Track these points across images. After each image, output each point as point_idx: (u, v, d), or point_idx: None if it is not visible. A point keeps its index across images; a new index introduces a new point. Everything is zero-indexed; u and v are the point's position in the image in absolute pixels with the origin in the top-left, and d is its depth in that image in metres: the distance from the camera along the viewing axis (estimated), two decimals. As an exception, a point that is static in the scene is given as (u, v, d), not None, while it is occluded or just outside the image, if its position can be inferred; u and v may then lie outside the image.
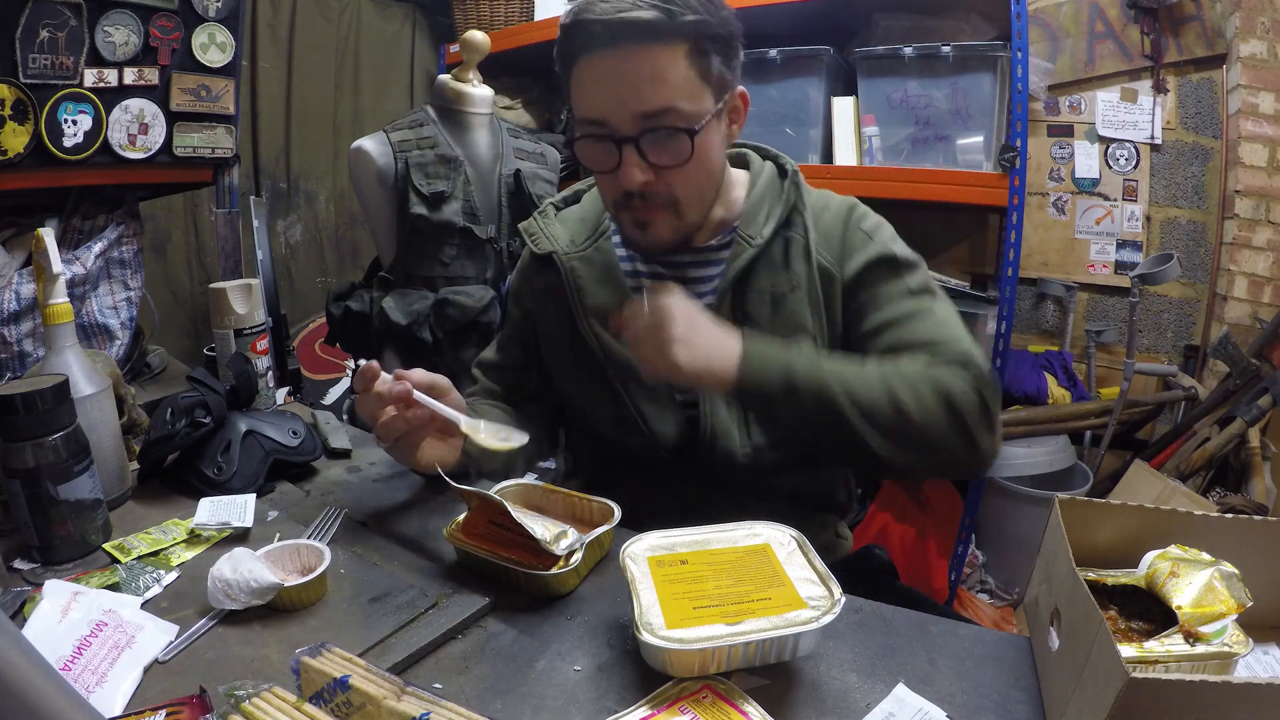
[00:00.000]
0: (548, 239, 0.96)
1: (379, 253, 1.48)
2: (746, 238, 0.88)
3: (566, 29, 0.79)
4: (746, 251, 0.87)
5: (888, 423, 0.73)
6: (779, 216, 0.88)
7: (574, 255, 0.94)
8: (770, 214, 0.89)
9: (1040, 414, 2.05)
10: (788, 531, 0.68)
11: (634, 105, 0.77)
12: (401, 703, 0.48)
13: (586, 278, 0.93)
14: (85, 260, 1.28)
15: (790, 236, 0.89)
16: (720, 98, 0.82)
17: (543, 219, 1.00)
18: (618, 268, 0.93)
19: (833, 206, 0.92)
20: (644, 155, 0.79)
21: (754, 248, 0.87)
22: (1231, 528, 0.60)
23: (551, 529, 0.70)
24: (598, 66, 0.79)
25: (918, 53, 1.70)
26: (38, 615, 0.61)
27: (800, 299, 0.87)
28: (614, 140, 0.79)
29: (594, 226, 0.97)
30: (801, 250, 0.88)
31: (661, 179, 0.81)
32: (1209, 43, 2.15)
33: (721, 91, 0.82)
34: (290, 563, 0.70)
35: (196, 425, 0.88)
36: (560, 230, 0.97)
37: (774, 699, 0.56)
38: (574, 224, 0.98)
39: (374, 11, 2.40)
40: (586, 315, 0.92)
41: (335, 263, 2.47)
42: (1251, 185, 2.13)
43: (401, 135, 1.40)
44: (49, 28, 1.18)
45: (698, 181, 0.84)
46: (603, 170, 0.83)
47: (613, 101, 0.78)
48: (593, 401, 0.94)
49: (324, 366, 2.32)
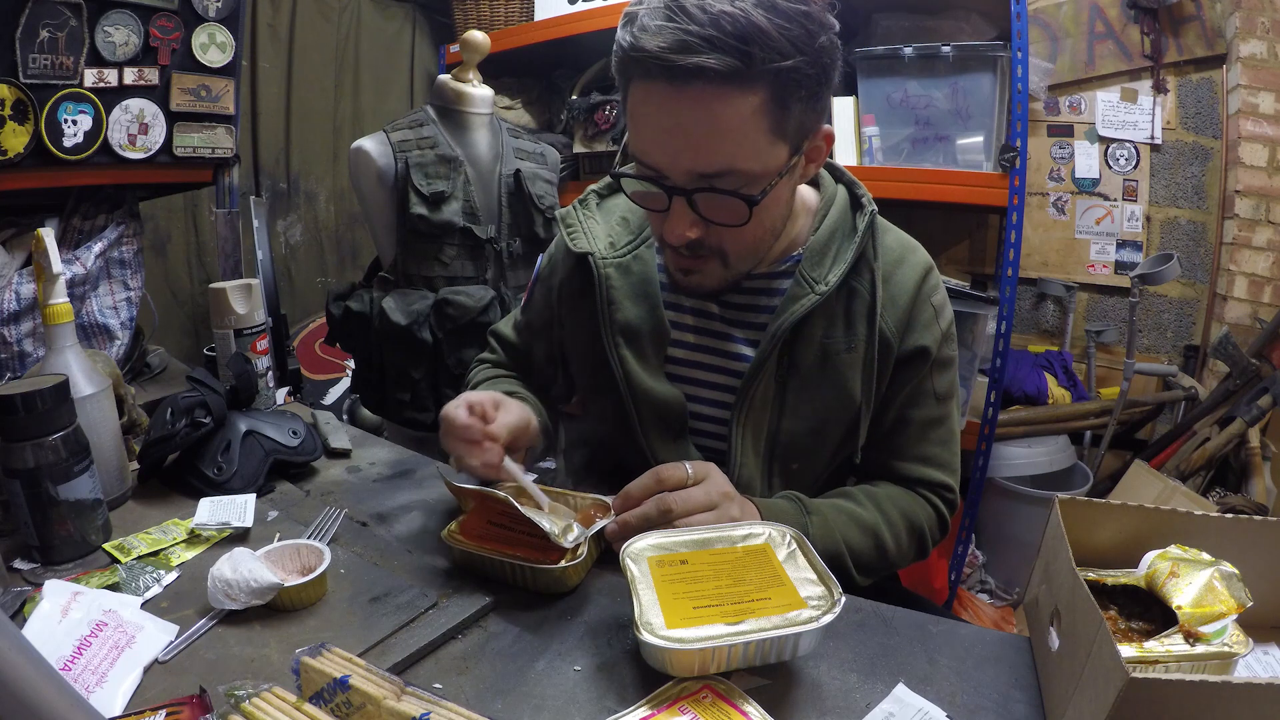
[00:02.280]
0: (585, 236, 0.87)
1: (379, 253, 1.48)
2: (810, 280, 0.79)
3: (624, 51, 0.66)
4: (808, 298, 0.78)
5: (873, 566, 0.81)
6: (848, 261, 0.79)
7: (611, 261, 0.86)
8: (839, 256, 0.80)
9: (1040, 414, 2.05)
10: (788, 531, 0.68)
11: (688, 162, 0.68)
12: (401, 703, 0.48)
13: (620, 289, 0.85)
14: (85, 260, 1.28)
15: (855, 287, 0.80)
16: (798, 148, 0.71)
17: (583, 210, 0.91)
18: (655, 284, 0.86)
19: (907, 266, 0.83)
20: (696, 209, 0.71)
21: (817, 295, 0.78)
22: (1231, 528, 0.60)
23: (558, 523, 0.70)
24: (654, 102, 0.67)
25: (918, 53, 1.70)
26: (38, 615, 0.61)
27: (854, 361, 0.80)
28: (665, 188, 0.71)
29: (637, 229, 0.89)
30: (865, 308, 0.80)
31: (712, 233, 0.74)
32: (1209, 43, 2.15)
33: (801, 140, 0.71)
34: (290, 563, 0.70)
35: (196, 425, 0.88)
36: (600, 228, 0.89)
37: (774, 699, 0.56)
38: (616, 221, 0.89)
39: (374, 11, 2.40)
40: (614, 332, 0.84)
41: (335, 263, 2.47)
42: (1251, 185, 2.13)
43: (401, 135, 1.40)
44: (49, 28, 1.18)
45: (754, 239, 0.76)
46: (651, 209, 0.76)
47: (667, 152, 0.69)
48: (605, 422, 0.89)
49: (324, 366, 2.32)
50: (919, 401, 0.85)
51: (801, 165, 0.74)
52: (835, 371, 0.81)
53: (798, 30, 0.63)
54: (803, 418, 0.82)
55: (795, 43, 0.63)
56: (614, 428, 0.88)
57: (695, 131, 0.66)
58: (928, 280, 0.84)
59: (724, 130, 0.65)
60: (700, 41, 0.61)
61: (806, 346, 0.80)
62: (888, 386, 0.83)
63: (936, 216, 2.32)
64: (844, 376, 0.81)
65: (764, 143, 0.67)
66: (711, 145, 0.66)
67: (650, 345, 0.85)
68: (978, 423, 1.75)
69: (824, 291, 0.78)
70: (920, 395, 0.84)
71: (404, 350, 1.40)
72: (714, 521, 0.70)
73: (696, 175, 0.68)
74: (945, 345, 0.84)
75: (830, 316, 0.80)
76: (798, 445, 0.83)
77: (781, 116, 0.66)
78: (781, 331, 0.78)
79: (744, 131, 0.65)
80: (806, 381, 0.81)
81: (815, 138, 0.73)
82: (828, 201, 0.83)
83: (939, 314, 0.84)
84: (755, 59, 0.62)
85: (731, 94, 0.63)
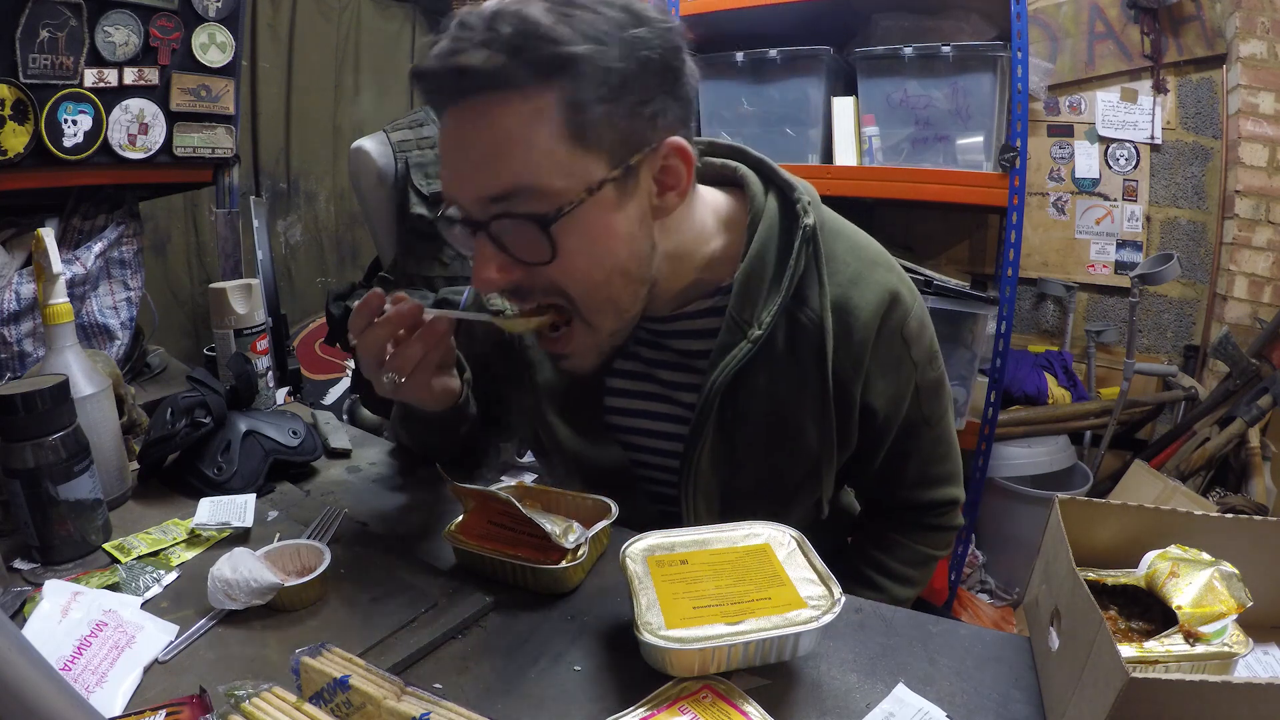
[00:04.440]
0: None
1: (379, 253, 1.48)
2: (741, 324, 0.68)
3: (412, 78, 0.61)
4: (741, 347, 0.68)
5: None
6: (785, 293, 0.67)
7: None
8: (774, 289, 0.67)
9: (1040, 414, 2.05)
10: (788, 531, 0.68)
11: (476, 184, 0.59)
12: (401, 703, 0.48)
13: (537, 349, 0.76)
14: (85, 260, 1.28)
15: (800, 319, 0.69)
16: (621, 161, 0.59)
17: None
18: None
19: (865, 289, 0.69)
20: (503, 245, 0.60)
21: (750, 343, 0.67)
22: (1231, 528, 0.60)
23: (559, 523, 0.70)
24: (444, 128, 0.60)
25: (918, 53, 1.70)
26: (38, 615, 0.61)
27: (804, 406, 0.71)
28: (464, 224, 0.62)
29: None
30: (814, 351, 0.69)
31: (537, 275, 0.61)
32: (1209, 43, 2.15)
33: (627, 151, 0.59)
34: (290, 563, 0.70)
35: (196, 425, 0.88)
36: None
37: (774, 699, 0.56)
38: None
39: (374, 11, 2.41)
40: (537, 398, 0.77)
41: (335, 263, 2.48)
42: (1251, 185, 2.13)
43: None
44: (49, 28, 1.18)
45: (591, 280, 0.62)
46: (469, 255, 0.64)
47: (455, 176, 0.61)
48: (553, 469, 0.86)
49: (324, 366, 2.32)
50: (912, 434, 0.77)
51: (647, 189, 0.62)
52: (786, 423, 0.72)
53: (591, 17, 0.55)
54: (756, 473, 0.75)
55: (587, 30, 0.55)
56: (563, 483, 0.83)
57: (476, 147, 0.58)
58: (895, 309, 0.70)
59: (506, 140, 0.56)
60: (470, 46, 0.55)
61: (750, 397, 0.71)
62: (865, 436, 0.75)
63: (936, 216, 2.31)
64: (797, 428, 0.71)
65: (561, 152, 0.57)
66: (495, 160, 0.57)
67: (580, 404, 0.77)
68: (978, 423, 1.75)
69: (757, 337, 0.67)
70: (911, 429, 0.77)
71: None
72: None
73: (487, 200, 0.59)
74: (928, 370, 0.75)
75: (773, 356, 0.69)
76: (757, 499, 0.76)
77: (580, 119, 0.56)
78: (717, 387, 0.69)
79: (531, 140, 0.56)
80: (756, 435, 0.72)
81: (655, 154, 0.61)
82: (755, 215, 0.69)
83: (912, 345, 0.72)
84: (525, 50, 0.54)
85: (510, 96, 0.55)
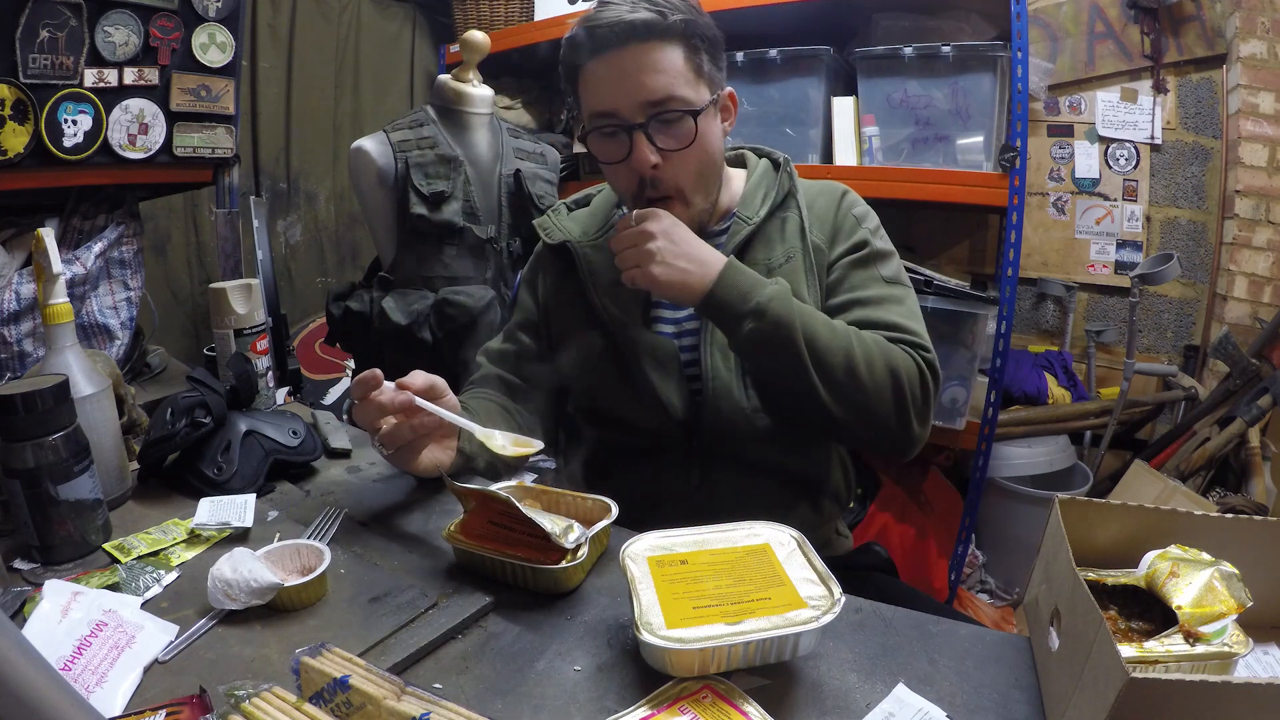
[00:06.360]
0: (561, 231, 1.04)
1: (379, 253, 1.48)
2: (744, 218, 0.97)
3: (574, 39, 0.89)
4: (744, 229, 0.96)
5: (838, 375, 0.82)
6: (774, 199, 0.98)
7: (586, 244, 1.02)
8: (766, 197, 0.98)
9: (1040, 414, 2.05)
10: (788, 531, 0.68)
11: (639, 95, 0.86)
12: (401, 703, 0.48)
13: (599, 262, 1.00)
14: (85, 260, 1.28)
15: (785, 216, 0.98)
16: (714, 92, 0.91)
17: (555, 216, 1.08)
18: None
19: (825, 194, 1.01)
20: (652, 140, 0.88)
21: (751, 225, 0.96)
22: (1231, 528, 0.60)
23: (559, 523, 0.70)
24: (605, 65, 0.87)
25: (918, 53, 1.69)
26: (38, 615, 0.61)
27: (795, 269, 0.94)
28: (625, 129, 0.88)
29: (604, 220, 1.05)
30: (796, 228, 0.97)
31: (669, 163, 0.89)
32: (1209, 43, 2.15)
33: (714, 87, 0.91)
34: (290, 563, 0.70)
35: (196, 425, 0.88)
36: (572, 225, 1.06)
37: (774, 699, 0.56)
38: (585, 219, 1.06)
39: (374, 11, 2.40)
40: (600, 295, 0.98)
41: (335, 263, 2.47)
42: (1251, 185, 2.13)
43: (401, 135, 1.40)
44: (49, 28, 1.18)
45: (701, 166, 0.92)
46: (615, 160, 0.90)
47: (621, 93, 0.87)
48: (604, 381, 0.99)
49: (324, 366, 2.31)
50: (867, 284, 0.94)
51: (719, 113, 0.93)
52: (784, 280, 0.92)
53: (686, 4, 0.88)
54: None
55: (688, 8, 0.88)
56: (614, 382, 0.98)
57: (640, 71, 0.86)
58: (845, 198, 1.00)
59: (660, 68, 0.86)
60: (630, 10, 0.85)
61: (752, 266, 0.92)
62: (832, 282, 0.95)
63: (936, 216, 2.31)
64: (792, 283, 0.91)
65: (690, 77, 0.88)
66: (653, 80, 0.86)
67: (634, 303, 0.98)
68: (978, 423, 1.75)
69: (756, 221, 0.96)
70: (867, 280, 0.94)
71: (404, 350, 1.40)
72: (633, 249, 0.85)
73: (647, 105, 0.86)
74: (875, 239, 0.97)
75: (767, 241, 0.97)
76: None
77: (697, 60, 0.88)
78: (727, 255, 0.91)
79: (674, 68, 0.87)
80: None
81: (724, 96, 0.94)
82: (752, 168, 1.03)
83: (861, 221, 0.98)
84: (667, 14, 0.85)
85: (658, 42, 0.86)
